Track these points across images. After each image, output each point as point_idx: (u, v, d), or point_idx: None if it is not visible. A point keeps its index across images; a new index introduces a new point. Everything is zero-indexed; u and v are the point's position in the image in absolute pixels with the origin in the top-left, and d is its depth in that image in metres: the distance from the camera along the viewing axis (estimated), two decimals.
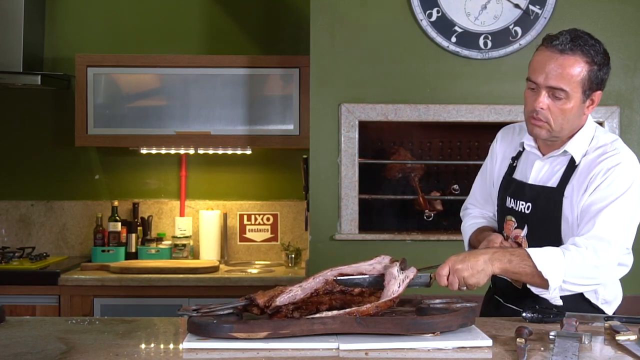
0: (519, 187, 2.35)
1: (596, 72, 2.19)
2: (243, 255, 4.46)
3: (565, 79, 2.16)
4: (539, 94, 2.20)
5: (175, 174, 4.50)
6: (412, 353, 1.83)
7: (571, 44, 2.17)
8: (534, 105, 2.20)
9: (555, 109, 2.19)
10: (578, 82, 2.17)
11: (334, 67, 3.69)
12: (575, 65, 2.16)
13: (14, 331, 2.05)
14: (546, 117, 2.20)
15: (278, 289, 1.95)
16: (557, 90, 2.17)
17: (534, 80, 2.20)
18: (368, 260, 2.12)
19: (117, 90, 4.16)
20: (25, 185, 4.48)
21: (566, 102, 2.18)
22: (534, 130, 2.25)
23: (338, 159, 3.69)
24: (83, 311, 3.86)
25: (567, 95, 2.18)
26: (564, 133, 2.25)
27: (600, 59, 2.20)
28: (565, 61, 2.16)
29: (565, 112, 2.20)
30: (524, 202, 2.30)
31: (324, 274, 2.02)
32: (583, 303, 2.27)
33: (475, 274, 2.07)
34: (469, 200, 2.64)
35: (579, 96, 2.19)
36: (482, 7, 3.67)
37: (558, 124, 2.21)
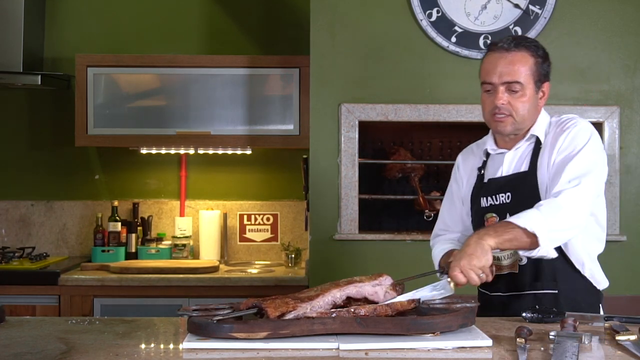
0: (493, 184, 2.47)
1: (541, 64, 2.39)
2: (243, 255, 4.46)
3: (517, 72, 2.35)
4: (496, 92, 2.37)
5: (175, 174, 4.50)
6: (412, 353, 1.83)
7: (515, 42, 2.39)
8: (495, 103, 2.37)
9: (514, 102, 2.37)
10: (529, 74, 2.36)
11: (334, 67, 3.69)
12: (523, 59, 2.37)
13: (14, 331, 2.05)
14: (509, 111, 2.37)
15: (290, 304, 1.93)
16: (512, 84, 2.35)
17: (490, 82, 2.38)
18: (369, 279, 2.08)
19: (117, 90, 4.16)
20: (25, 185, 4.48)
21: (522, 94, 2.36)
22: (498, 127, 2.41)
23: (338, 159, 3.69)
24: (83, 311, 3.86)
25: (522, 88, 2.36)
26: (526, 124, 2.41)
27: (542, 53, 2.41)
28: (514, 57, 2.36)
29: (524, 104, 2.37)
30: (502, 193, 2.42)
31: (332, 294, 1.99)
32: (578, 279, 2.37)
33: (477, 255, 2.13)
34: (438, 226, 2.72)
35: (532, 87, 2.38)
36: (482, 7, 3.68)
37: (520, 115, 2.38)
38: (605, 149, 3.61)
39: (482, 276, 2.14)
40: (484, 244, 2.14)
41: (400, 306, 2.01)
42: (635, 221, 3.67)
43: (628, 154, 3.68)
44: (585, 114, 3.61)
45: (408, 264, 3.66)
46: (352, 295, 2.01)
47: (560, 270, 2.36)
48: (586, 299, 2.38)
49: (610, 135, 3.64)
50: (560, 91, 3.65)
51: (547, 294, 2.36)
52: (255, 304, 1.94)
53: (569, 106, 3.62)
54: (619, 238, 3.61)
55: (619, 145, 3.65)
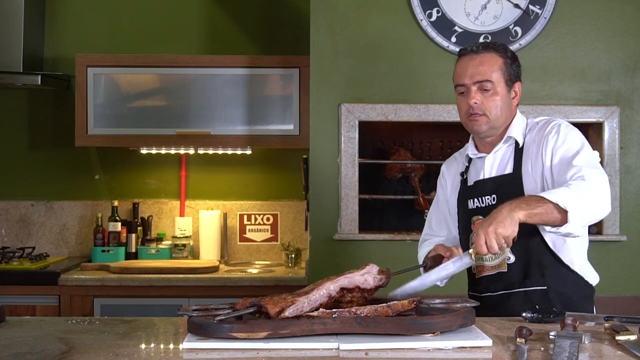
0: (478, 186, 2.52)
1: (510, 64, 2.46)
2: (243, 255, 4.46)
3: (488, 71, 2.43)
4: (469, 92, 2.44)
5: (175, 174, 4.50)
6: (412, 353, 1.83)
7: (483, 44, 2.49)
8: (469, 103, 2.43)
9: (487, 101, 2.43)
10: (499, 73, 2.43)
11: (334, 67, 3.69)
12: (492, 59, 2.45)
13: (14, 331, 2.05)
14: (482, 110, 2.43)
15: (288, 299, 1.93)
16: (484, 83, 2.42)
17: (462, 83, 2.46)
18: (359, 270, 2.12)
19: (117, 90, 4.16)
20: (25, 185, 4.48)
21: (494, 93, 2.43)
22: (474, 126, 2.46)
23: (338, 159, 3.69)
24: (83, 311, 3.86)
25: (494, 86, 2.43)
26: (500, 122, 2.46)
27: (510, 54, 2.49)
28: (483, 58, 2.45)
29: (496, 102, 2.43)
30: (488, 195, 2.47)
31: (326, 286, 2.01)
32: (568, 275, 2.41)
33: (507, 225, 2.14)
34: (424, 232, 2.79)
35: (503, 86, 2.44)
36: (482, 7, 3.67)
37: (493, 113, 2.43)
38: (605, 149, 3.63)
39: (503, 245, 2.16)
40: (515, 215, 2.15)
41: (400, 307, 2.02)
42: (635, 221, 3.67)
43: (628, 154, 3.68)
44: (585, 114, 3.61)
45: (408, 263, 3.64)
46: (345, 286, 2.04)
47: (549, 267, 2.39)
48: (577, 293, 2.41)
49: (610, 135, 3.64)
50: (560, 91, 3.65)
51: (536, 290, 2.39)
52: (254, 302, 1.95)
53: (569, 106, 3.62)
54: (619, 238, 3.61)
55: (619, 145, 3.65)
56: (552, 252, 2.39)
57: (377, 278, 2.12)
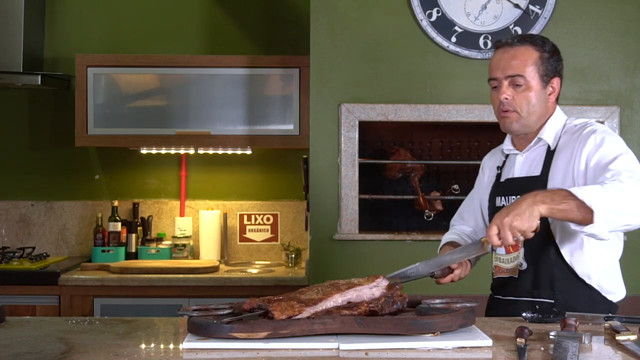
0: (507, 185, 2.45)
1: (547, 58, 2.36)
2: (243, 255, 4.46)
3: (520, 65, 2.33)
4: (500, 87, 2.35)
5: (175, 174, 4.50)
6: (412, 353, 1.83)
7: (519, 37, 2.39)
8: (499, 98, 2.35)
9: (518, 97, 2.33)
10: (532, 67, 2.33)
11: (334, 67, 3.69)
12: (526, 52, 2.34)
13: (14, 331, 2.05)
14: (513, 106, 2.34)
15: (295, 307, 1.92)
16: (515, 78, 2.33)
17: (494, 77, 2.37)
18: (366, 281, 2.07)
19: (117, 90, 4.16)
20: (25, 185, 4.48)
21: (527, 88, 2.33)
22: (505, 123, 2.38)
23: (338, 159, 3.69)
24: (83, 311, 3.86)
25: (526, 82, 2.33)
26: (533, 120, 2.36)
27: (549, 48, 2.38)
28: (517, 51, 2.35)
29: (528, 99, 2.34)
30: (513, 196, 2.37)
31: (334, 299, 1.98)
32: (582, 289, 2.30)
33: (525, 219, 2.03)
34: (455, 216, 2.75)
35: (538, 81, 2.35)
36: (482, 7, 3.68)
37: (525, 110, 2.34)
38: None
39: (520, 238, 2.06)
40: (536, 209, 2.03)
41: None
42: None
43: None
44: (585, 114, 3.61)
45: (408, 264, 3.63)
46: (353, 300, 2.01)
47: (560, 280, 2.30)
48: (591, 309, 2.25)
49: None
50: (560, 91, 3.65)
51: (543, 302, 2.30)
52: (261, 305, 1.94)
53: (569, 106, 3.62)
54: None
55: None
56: (567, 264, 2.30)
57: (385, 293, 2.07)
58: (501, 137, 3.19)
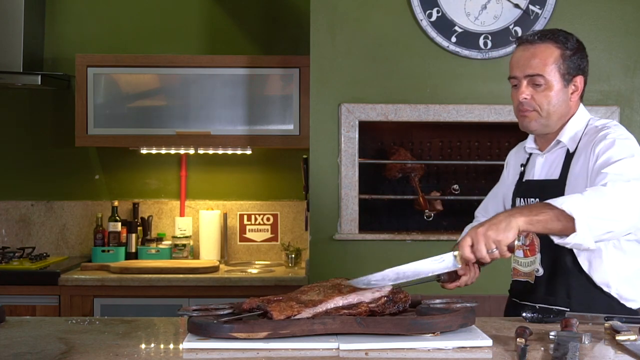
0: (527, 186, 2.39)
1: (570, 56, 2.26)
2: (243, 255, 4.46)
3: (539, 65, 2.24)
4: (519, 86, 2.27)
5: (175, 174, 4.50)
6: (412, 353, 1.83)
7: (540, 34, 2.28)
8: (518, 98, 2.27)
9: (538, 96, 2.26)
10: (553, 66, 2.24)
11: (334, 67, 3.69)
12: (547, 50, 2.25)
13: (14, 331, 2.05)
14: (532, 106, 2.26)
15: (294, 307, 1.92)
16: (535, 78, 2.24)
17: (513, 75, 2.29)
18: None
19: (117, 90, 4.16)
20: (25, 185, 4.48)
21: (547, 88, 2.25)
22: (524, 122, 2.31)
23: (338, 159, 3.69)
24: (83, 311, 3.86)
25: (546, 81, 2.25)
26: (553, 120, 2.29)
27: (572, 45, 2.27)
28: (537, 49, 2.26)
29: (549, 98, 2.26)
30: (532, 198, 2.32)
31: (335, 301, 1.98)
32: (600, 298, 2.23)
33: (500, 229, 1.93)
34: (479, 208, 2.67)
35: (559, 81, 2.26)
36: (482, 7, 3.68)
37: (545, 110, 2.27)
38: None
39: (494, 252, 1.94)
40: (512, 220, 1.94)
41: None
42: None
43: None
44: None
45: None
46: (354, 303, 2.01)
47: (577, 288, 2.24)
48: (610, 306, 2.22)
49: None
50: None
51: (560, 310, 2.22)
52: (260, 305, 1.94)
53: None
54: None
55: None
56: (584, 272, 2.23)
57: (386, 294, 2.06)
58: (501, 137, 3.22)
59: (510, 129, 3.70)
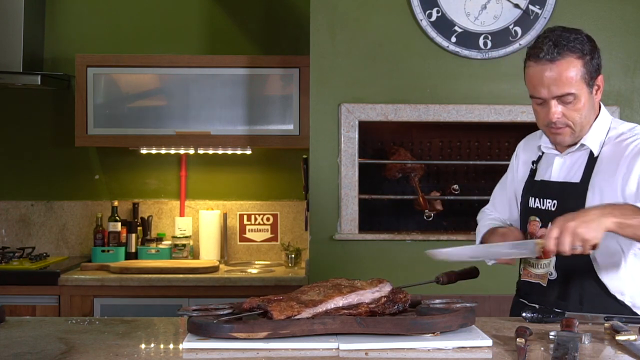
0: (542, 186, 2.34)
1: (589, 61, 2.20)
2: (243, 255, 4.46)
3: (567, 83, 2.17)
4: (548, 106, 2.20)
5: (175, 174, 4.50)
6: (412, 353, 1.83)
7: (557, 47, 2.17)
8: (549, 118, 2.21)
9: (569, 112, 2.20)
10: (580, 79, 2.18)
11: (334, 67, 3.69)
12: (570, 66, 2.17)
13: (14, 331, 2.05)
14: (565, 123, 2.21)
15: (295, 307, 1.92)
16: (564, 97, 2.18)
17: (538, 97, 2.21)
18: (369, 285, 2.05)
19: (117, 90, 4.16)
20: (25, 185, 4.48)
21: (577, 102, 2.19)
22: (557, 138, 2.26)
23: (338, 159, 3.69)
24: (83, 311, 3.86)
25: (576, 96, 2.19)
26: (586, 128, 2.25)
27: (588, 49, 2.21)
28: (561, 67, 2.17)
29: (580, 111, 2.21)
30: (549, 199, 2.28)
31: (335, 301, 1.98)
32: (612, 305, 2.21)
33: (591, 228, 1.91)
34: (487, 205, 2.62)
35: (586, 90, 2.20)
36: (482, 7, 3.67)
37: (578, 124, 2.22)
38: None
39: (577, 248, 1.93)
40: (604, 221, 1.92)
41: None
42: None
43: None
44: None
45: (408, 264, 3.67)
46: (354, 303, 2.01)
47: (590, 294, 2.21)
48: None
49: None
50: None
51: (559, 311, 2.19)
52: (260, 305, 1.94)
53: None
54: None
55: None
56: (598, 278, 2.20)
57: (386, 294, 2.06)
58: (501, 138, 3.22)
59: (510, 129, 3.71)
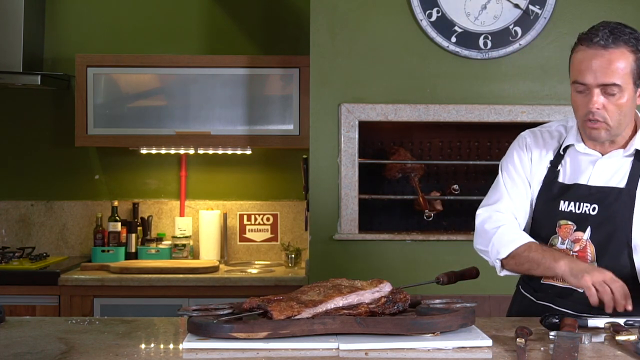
0: (577, 190, 2.23)
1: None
2: (243, 255, 4.46)
3: (616, 73, 2.10)
4: (590, 95, 2.13)
5: (175, 174, 4.50)
6: (412, 353, 1.83)
7: (612, 34, 2.11)
8: (589, 107, 2.13)
9: (610, 106, 2.13)
10: (628, 73, 2.11)
11: (334, 67, 3.69)
12: (622, 57, 2.10)
13: (14, 331, 2.05)
14: (603, 117, 2.14)
15: (295, 308, 1.92)
16: (609, 87, 2.11)
17: (583, 82, 2.14)
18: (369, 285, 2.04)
19: (117, 90, 4.16)
20: (25, 185, 4.48)
21: (620, 96, 2.12)
22: (592, 133, 2.18)
23: (338, 159, 3.69)
24: (83, 311, 3.86)
25: (621, 90, 2.11)
26: (622, 128, 2.19)
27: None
28: (612, 55, 2.10)
29: (621, 107, 2.13)
30: (588, 203, 2.19)
31: (335, 302, 1.98)
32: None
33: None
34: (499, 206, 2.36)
35: (631, 88, 2.14)
36: (482, 7, 3.68)
37: (615, 120, 2.15)
38: None
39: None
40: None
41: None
42: None
43: None
44: None
45: (408, 264, 3.67)
46: (354, 304, 2.01)
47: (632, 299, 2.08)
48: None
49: None
50: (560, 91, 3.65)
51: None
52: (260, 305, 1.94)
53: (569, 106, 3.58)
54: None
55: None
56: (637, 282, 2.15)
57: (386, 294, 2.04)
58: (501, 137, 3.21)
59: (511, 129, 3.70)
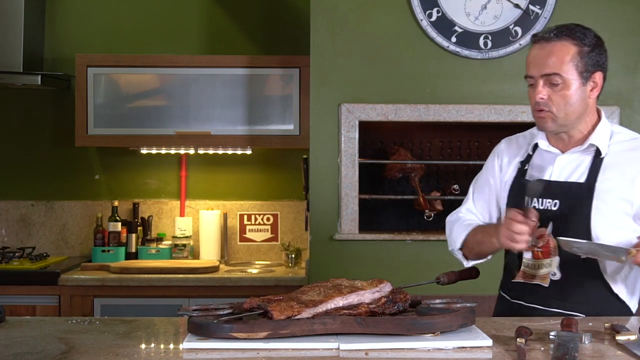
0: (542, 186, 2.30)
1: (587, 53, 2.20)
2: (243, 255, 4.46)
3: (557, 63, 2.19)
4: (536, 86, 2.22)
5: (175, 174, 4.50)
6: (412, 353, 1.83)
7: (556, 31, 2.22)
8: (534, 98, 2.22)
9: (555, 96, 2.20)
10: (570, 64, 2.19)
11: (334, 67, 3.69)
12: (564, 48, 2.19)
13: (14, 331, 2.05)
14: (548, 106, 2.21)
15: (295, 308, 1.92)
16: (552, 77, 2.19)
17: (529, 75, 2.24)
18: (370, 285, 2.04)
19: (117, 90, 4.16)
20: (25, 185, 4.48)
21: (564, 87, 2.19)
22: (540, 123, 2.25)
23: (338, 159, 3.69)
24: (83, 311, 3.86)
25: (564, 80, 2.19)
26: (571, 120, 2.24)
27: (590, 41, 2.22)
28: (553, 47, 2.20)
29: (566, 98, 2.20)
30: (550, 199, 2.26)
31: (335, 302, 1.97)
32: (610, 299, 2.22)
33: None
34: (461, 209, 2.57)
35: (577, 79, 2.20)
36: (482, 7, 3.68)
37: (562, 111, 2.21)
38: None
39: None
40: None
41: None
42: None
43: None
44: None
45: (408, 264, 3.67)
46: (354, 304, 2.00)
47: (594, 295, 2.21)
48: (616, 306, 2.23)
49: None
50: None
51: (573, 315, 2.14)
52: (260, 305, 1.94)
53: None
54: None
55: None
56: (604, 279, 2.22)
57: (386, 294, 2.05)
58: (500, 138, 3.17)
59: (510, 129, 3.70)
